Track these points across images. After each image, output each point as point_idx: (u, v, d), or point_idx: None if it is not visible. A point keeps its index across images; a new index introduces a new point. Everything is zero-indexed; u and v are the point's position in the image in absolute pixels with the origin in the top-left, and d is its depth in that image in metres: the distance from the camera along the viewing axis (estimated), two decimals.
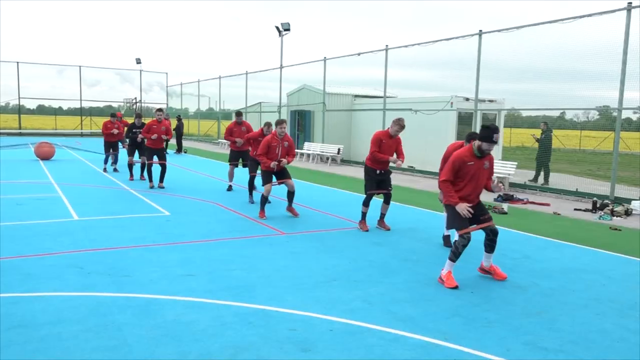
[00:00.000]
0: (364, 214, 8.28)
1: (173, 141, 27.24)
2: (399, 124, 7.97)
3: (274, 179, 9.31)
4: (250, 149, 11.04)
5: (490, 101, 16.82)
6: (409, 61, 17.68)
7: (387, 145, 8.04)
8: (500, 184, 5.84)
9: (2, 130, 38.23)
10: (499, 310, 5.03)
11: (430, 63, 16.84)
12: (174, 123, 25.58)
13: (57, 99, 43.85)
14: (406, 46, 17.44)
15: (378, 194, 8.27)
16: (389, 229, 8.23)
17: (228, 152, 27.32)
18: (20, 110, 39.00)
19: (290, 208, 9.29)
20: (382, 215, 8.39)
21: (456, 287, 5.53)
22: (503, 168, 14.25)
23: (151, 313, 4.69)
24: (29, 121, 44.52)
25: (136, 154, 14.24)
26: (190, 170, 16.79)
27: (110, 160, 16.31)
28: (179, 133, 24.73)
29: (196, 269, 6.01)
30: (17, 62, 37.37)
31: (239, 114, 12.38)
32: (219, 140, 33.30)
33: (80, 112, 42.46)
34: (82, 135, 39.49)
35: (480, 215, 5.78)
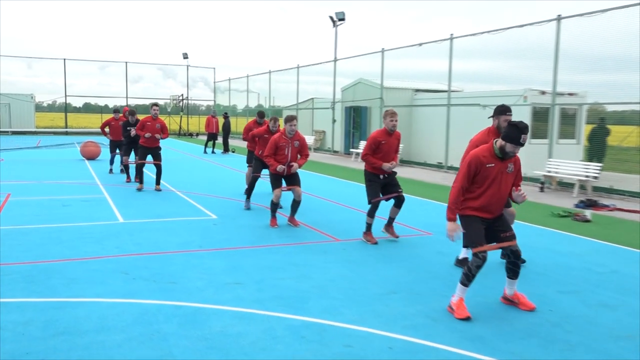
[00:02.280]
0: (368, 226, 7.79)
1: (220, 140, 27.81)
2: (392, 115, 7.49)
3: (284, 183, 9.00)
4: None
5: (570, 94, 16.17)
6: (476, 51, 17.29)
7: (387, 145, 7.58)
8: (524, 193, 5.14)
9: (48, 130, 40.32)
10: (581, 332, 4.79)
11: (501, 53, 16.38)
12: (220, 121, 26.10)
13: (102, 96, 45.79)
14: (473, 34, 17.05)
15: (387, 199, 7.81)
16: (397, 237, 7.96)
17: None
18: (66, 108, 41.00)
19: (292, 219, 8.87)
20: (391, 220, 7.94)
21: (468, 319, 4.97)
22: (586, 170, 13.67)
23: (197, 323, 4.76)
24: (75, 120, 46.73)
25: (132, 154, 14.37)
26: (238, 171, 17.07)
27: (117, 161, 16.39)
28: (226, 132, 25.20)
29: (244, 277, 6.06)
30: (64, 59, 39.32)
31: (261, 114, 12.20)
32: None
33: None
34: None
35: (501, 231, 5.20)
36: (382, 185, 7.77)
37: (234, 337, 4.48)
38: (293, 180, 8.78)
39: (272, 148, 8.64)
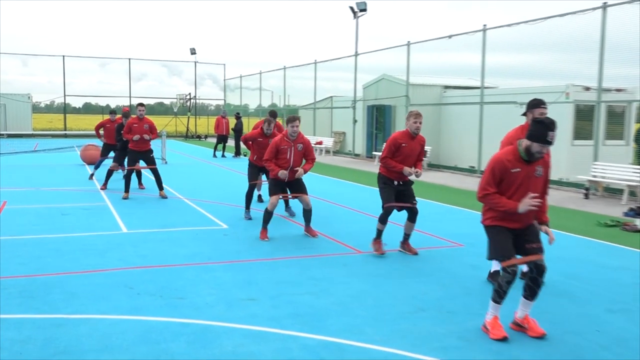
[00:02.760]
0: (379, 232, 7.76)
1: (231, 143, 27.99)
2: (416, 117, 7.43)
3: (288, 191, 8.89)
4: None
5: (618, 90, 15.97)
6: (512, 44, 17.19)
7: (408, 148, 7.54)
8: (551, 235, 5.06)
9: (46, 132, 40.95)
10: (633, 356, 4.72)
11: (540, 45, 16.27)
12: (232, 122, 26.28)
13: (104, 95, 46.58)
14: (509, 25, 16.97)
15: (400, 208, 7.76)
16: (416, 253, 7.84)
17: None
18: (65, 109, 41.66)
19: (308, 228, 8.86)
20: (407, 237, 7.89)
21: (505, 339, 4.89)
22: (636, 174, 13.48)
23: (207, 342, 4.80)
24: (74, 121, 47.41)
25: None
26: (243, 174, 17.13)
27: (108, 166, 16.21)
28: (238, 134, 25.37)
29: (258, 292, 6.10)
30: (63, 56, 39.96)
31: (273, 113, 12.19)
32: None
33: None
34: None
35: (526, 242, 5.05)
36: (396, 192, 7.73)
37: (246, 357, 4.51)
38: (298, 187, 8.75)
39: (272, 152, 8.62)
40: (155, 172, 12.67)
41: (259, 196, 12.30)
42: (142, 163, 12.89)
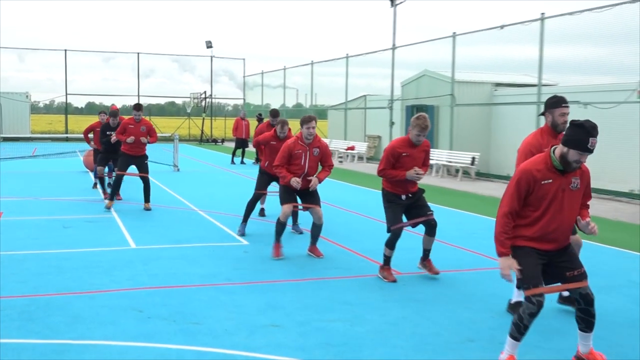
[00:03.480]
0: (387, 259, 7.63)
1: (252, 147, 28.14)
2: (420, 124, 7.28)
3: (298, 200, 8.89)
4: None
5: None
6: (574, 34, 17.02)
7: (410, 158, 7.46)
8: (594, 226, 4.89)
9: (46, 135, 41.72)
10: None
11: (607, 36, 16.08)
12: (252, 124, 26.51)
13: (109, 94, 47.08)
14: (571, 13, 16.81)
15: (414, 225, 7.65)
16: (437, 273, 7.74)
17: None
18: (67, 109, 42.46)
19: (313, 248, 8.80)
20: (427, 253, 7.77)
21: None
22: None
23: None
24: (77, 123, 48.20)
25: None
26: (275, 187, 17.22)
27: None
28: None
29: (284, 318, 6.12)
30: (65, 50, 40.80)
31: (274, 113, 12.09)
32: None
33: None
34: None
35: (567, 268, 4.90)
36: (405, 207, 7.63)
37: None
38: (311, 198, 8.73)
39: (284, 156, 8.62)
40: (146, 182, 12.75)
41: (262, 210, 12.05)
42: (132, 170, 12.91)
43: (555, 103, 5.99)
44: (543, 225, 4.83)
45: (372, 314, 6.31)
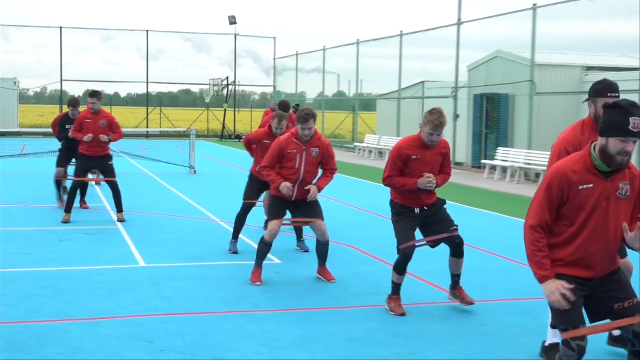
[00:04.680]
0: (396, 286, 7.47)
1: None
2: (433, 121, 7.10)
3: (289, 214, 8.74)
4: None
5: None
6: None
7: (421, 162, 7.28)
8: None
9: (37, 130, 42.37)
10: None
11: None
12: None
13: (111, 80, 47.84)
14: None
15: (434, 243, 7.51)
16: (471, 303, 7.54)
17: (359, 163, 27.77)
18: (62, 98, 43.19)
19: (322, 270, 8.76)
20: (456, 279, 7.59)
21: None
22: None
23: None
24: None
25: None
26: None
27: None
28: None
29: (324, 353, 6.15)
30: (60, 28, 41.62)
31: (284, 105, 11.73)
32: (356, 144, 33.95)
33: (147, 100, 45.80)
34: (147, 136, 42.54)
35: (614, 299, 4.61)
36: (421, 222, 7.47)
37: None
38: (311, 210, 8.59)
39: (274, 156, 8.48)
40: (115, 187, 12.63)
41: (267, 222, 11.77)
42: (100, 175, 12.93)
43: (600, 91, 5.60)
44: (581, 245, 4.56)
45: (431, 349, 6.30)
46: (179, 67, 77.63)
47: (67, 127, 13.66)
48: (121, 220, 12.57)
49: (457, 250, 7.44)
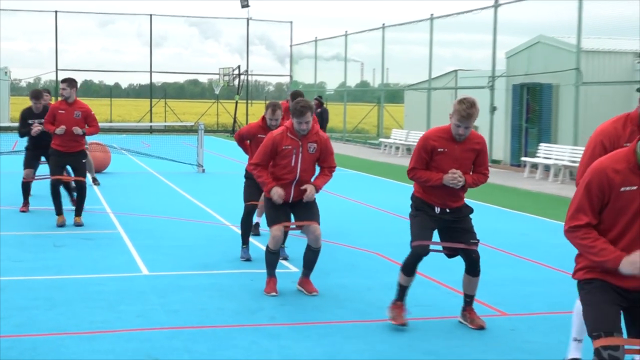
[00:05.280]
0: (401, 289, 7.42)
1: None
2: (460, 111, 7.01)
3: (292, 217, 8.67)
4: None
5: None
6: None
7: (448, 157, 7.21)
8: None
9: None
10: None
11: None
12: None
13: (112, 70, 48.15)
14: None
15: (450, 253, 7.43)
16: (483, 327, 7.37)
17: (385, 161, 27.71)
18: (57, 89, 43.44)
19: (304, 280, 8.70)
20: (469, 300, 7.50)
21: None
22: None
23: None
24: None
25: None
26: (335, 195, 17.25)
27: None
28: (322, 126, 25.68)
29: None
30: (56, 12, 41.88)
31: (296, 95, 11.66)
32: (381, 139, 33.90)
33: (150, 91, 46.05)
34: (151, 131, 42.76)
35: None
36: (439, 225, 7.40)
37: None
38: (306, 212, 8.51)
39: (266, 152, 8.34)
40: (81, 189, 12.61)
41: (256, 225, 11.75)
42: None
43: None
44: (622, 251, 4.48)
45: None
46: (185, 55, 77.85)
47: (29, 121, 13.66)
48: (78, 224, 12.51)
49: (472, 266, 7.37)
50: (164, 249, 10.83)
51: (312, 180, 8.57)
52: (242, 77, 43.99)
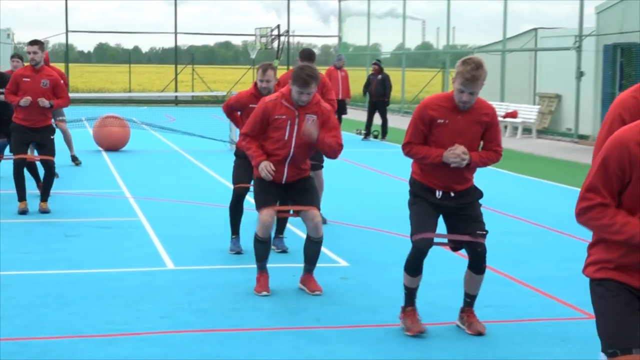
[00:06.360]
0: (410, 293, 7.35)
1: (356, 114, 28.23)
2: (463, 72, 6.88)
3: (288, 201, 8.62)
4: None
5: None
6: None
7: (450, 130, 7.05)
8: None
9: None
10: None
11: None
12: (357, 76, 26.51)
13: (129, 31, 48.29)
14: None
15: (454, 245, 7.37)
16: (481, 333, 7.28)
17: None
18: (68, 54, 43.90)
19: (307, 278, 8.68)
20: (468, 301, 7.40)
21: None
22: None
23: None
24: (82, 76, 49.81)
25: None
26: (392, 176, 17.21)
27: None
28: (382, 100, 25.63)
29: None
30: None
31: (307, 54, 11.49)
32: None
33: (175, 56, 46.22)
34: (176, 102, 42.97)
35: None
36: (443, 212, 7.31)
37: None
38: (303, 195, 8.45)
39: (257, 121, 8.33)
40: (49, 169, 12.69)
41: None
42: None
43: None
44: None
45: None
46: (215, 13, 78.20)
47: None
48: (44, 211, 12.51)
49: (476, 261, 7.27)
50: (191, 240, 10.91)
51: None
52: (282, 38, 43.88)
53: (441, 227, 7.34)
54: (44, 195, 12.72)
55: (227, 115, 10.70)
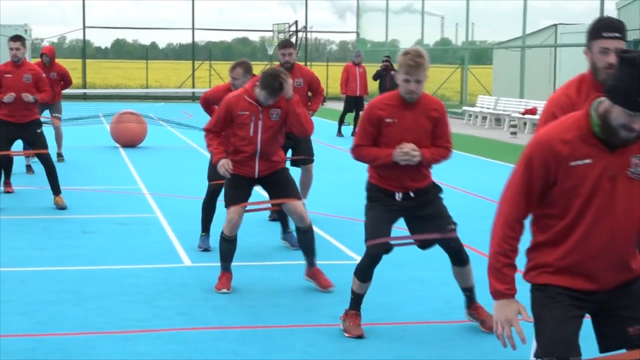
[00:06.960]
0: (355, 298, 7.21)
1: None
2: (406, 62, 6.77)
3: (266, 197, 8.73)
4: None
5: None
6: None
7: (399, 128, 6.88)
8: None
9: None
10: None
11: None
12: (374, 71, 26.53)
13: (147, 27, 48.38)
14: None
15: (422, 245, 7.30)
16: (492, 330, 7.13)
17: (469, 133, 27.46)
18: (85, 51, 44.04)
19: (313, 271, 8.59)
20: (469, 295, 7.30)
21: None
22: None
23: None
24: (99, 72, 49.93)
25: None
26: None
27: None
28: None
29: None
30: None
31: (285, 44, 11.59)
32: (465, 108, 33.70)
33: (192, 52, 46.31)
34: (194, 98, 43.04)
35: (629, 320, 4.18)
36: (404, 214, 7.20)
37: None
38: (280, 188, 8.47)
39: (220, 118, 8.40)
40: (47, 162, 12.59)
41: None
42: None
43: (595, 31, 5.25)
44: (577, 245, 4.15)
45: None
46: (232, 9, 78.36)
47: None
48: (61, 207, 12.51)
49: (456, 257, 7.19)
50: (210, 236, 10.90)
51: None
52: (299, 34, 43.87)
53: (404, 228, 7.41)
54: (55, 189, 12.66)
55: (204, 108, 10.78)
